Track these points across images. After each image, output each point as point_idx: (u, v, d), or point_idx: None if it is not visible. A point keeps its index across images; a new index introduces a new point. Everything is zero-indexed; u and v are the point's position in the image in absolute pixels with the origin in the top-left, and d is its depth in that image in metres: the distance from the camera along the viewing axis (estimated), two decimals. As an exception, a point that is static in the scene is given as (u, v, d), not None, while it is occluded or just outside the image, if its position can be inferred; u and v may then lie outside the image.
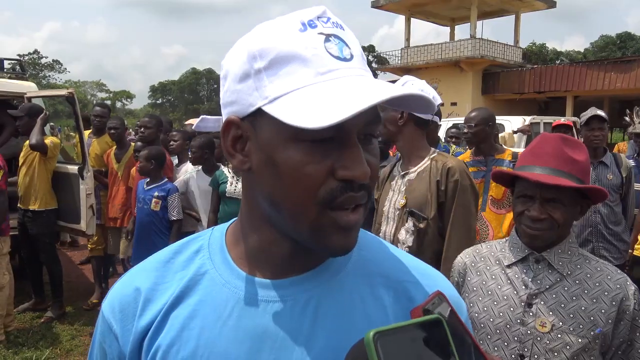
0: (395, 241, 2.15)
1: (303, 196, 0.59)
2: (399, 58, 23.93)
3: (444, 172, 2.14)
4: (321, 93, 0.56)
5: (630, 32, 47.32)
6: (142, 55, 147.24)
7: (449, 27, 25.34)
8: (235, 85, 0.62)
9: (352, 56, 0.60)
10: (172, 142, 4.56)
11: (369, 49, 55.01)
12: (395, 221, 2.19)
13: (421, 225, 2.09)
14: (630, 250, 3.60)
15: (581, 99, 18.71)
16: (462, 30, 27.19)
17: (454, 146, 4.98)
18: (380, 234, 2.24)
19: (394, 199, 2.24)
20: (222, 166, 3.83)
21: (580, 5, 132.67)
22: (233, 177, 3.63)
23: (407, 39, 23.59)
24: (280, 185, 0.60)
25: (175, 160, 4.60)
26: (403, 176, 2.25)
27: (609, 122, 3.79)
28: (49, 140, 4.50)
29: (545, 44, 50.81)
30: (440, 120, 2.70)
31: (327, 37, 0.59)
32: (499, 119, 5.83)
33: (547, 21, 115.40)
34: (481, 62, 20.88)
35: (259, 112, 0.59)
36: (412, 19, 23.88)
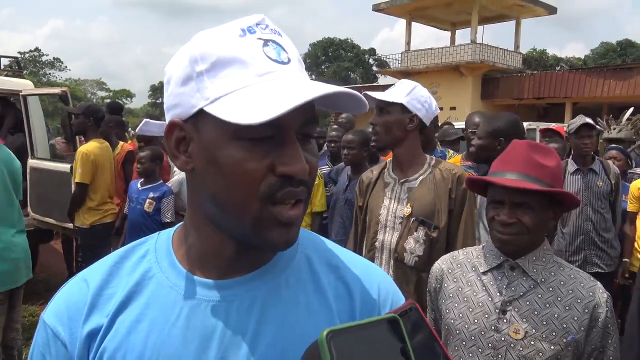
0: (400, 250, 2.06)
1: (245, 192, 0.61)
2: (399, 62, 23.89)
3: (454, 180, 2.05)
4: (259, 92, 0.59)
5: (630, 40, 47.35)
6: (144, 55, 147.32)
7: (449, 32, 25.32)
8: (177, 89, 0.64)
9: (289, 60, 0.64)
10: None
11: (369, 52, 55.01)
12: (400, 230, 2.09)
13: (434, 235, 2.02)
14: (625, 259, 3.61)
15: (580, 105, 18.67)
16: (462, 35, 27.25)
17: (451, 151, 4.95)
18: (377, 243, 2.15)
19: (392, 206, 2.13)
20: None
21: (581, 12, 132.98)
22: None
23: (408, 43, 23.57)
24: (223, 183, 0.62)
25: None
26: (402, 183, 2.13)
27: (596, 130, 3.81)
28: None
29: (545, 50, 50.85)
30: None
31: (266, 42, 0.62)
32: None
33: (548, 27, 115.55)
34: (481, 67, 20.87)
35: (201, 113, 0.62)
36: (412, 22, 23.87)
